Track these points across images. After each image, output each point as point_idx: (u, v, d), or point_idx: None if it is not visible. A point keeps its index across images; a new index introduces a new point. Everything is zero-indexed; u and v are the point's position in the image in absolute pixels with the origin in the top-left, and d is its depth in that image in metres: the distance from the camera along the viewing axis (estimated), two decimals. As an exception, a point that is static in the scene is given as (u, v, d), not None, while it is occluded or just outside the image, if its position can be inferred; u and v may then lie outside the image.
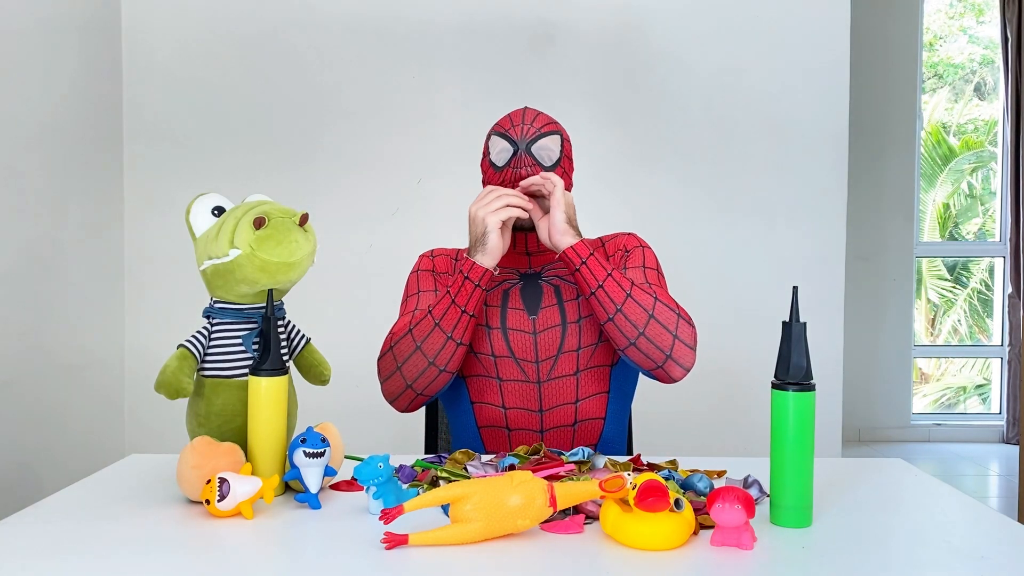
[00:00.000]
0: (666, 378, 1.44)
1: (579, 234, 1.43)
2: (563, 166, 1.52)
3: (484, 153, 1.55)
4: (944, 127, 5.77)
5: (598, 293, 1.39)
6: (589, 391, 1.49)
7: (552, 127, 1.52)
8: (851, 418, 4.57)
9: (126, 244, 2.73)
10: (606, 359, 1.50)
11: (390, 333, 1.46)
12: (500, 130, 1.52)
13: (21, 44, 2.19)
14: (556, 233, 1.41)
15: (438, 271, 1.57)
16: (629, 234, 1.60)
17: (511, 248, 1.53)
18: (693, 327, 1.43)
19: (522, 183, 1.45)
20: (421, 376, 1.41)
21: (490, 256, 1.40)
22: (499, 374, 1.48)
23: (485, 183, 1.55)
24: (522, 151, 1.49)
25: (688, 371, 1.43)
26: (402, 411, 1.49)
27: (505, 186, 1.49)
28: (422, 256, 1.61)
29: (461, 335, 1.40)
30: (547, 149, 1.50)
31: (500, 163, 1.50)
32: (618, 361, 1.51)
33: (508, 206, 1.41)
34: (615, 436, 1.52)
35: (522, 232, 1.52)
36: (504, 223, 1.42)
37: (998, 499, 3.84)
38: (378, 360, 1.46)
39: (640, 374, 1.55)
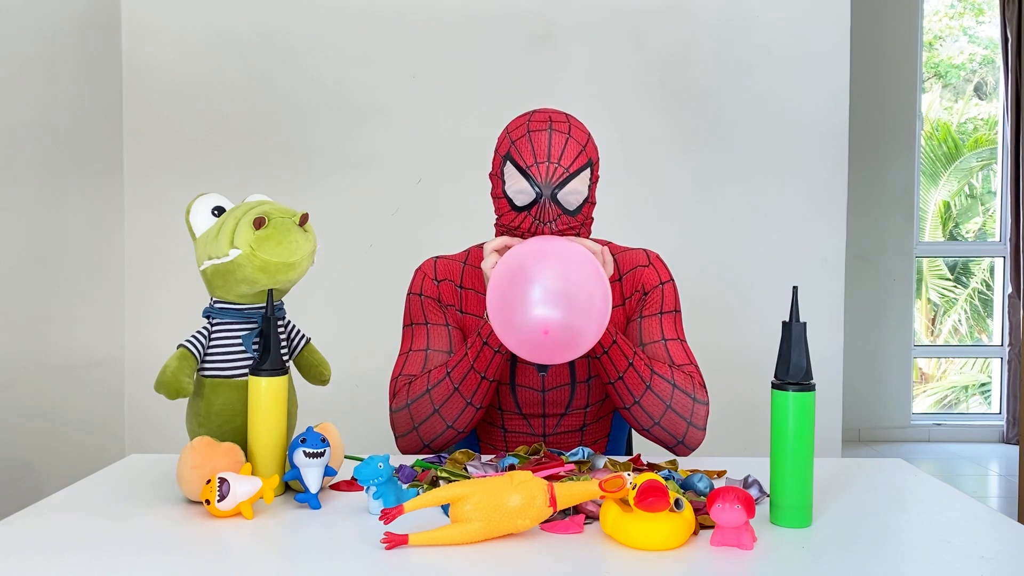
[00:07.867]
0: (672, 453, 1.42)
1: None
2: (590, 201, 1.37)
3: (496, 171, 1.38)
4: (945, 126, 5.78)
5: (617, 384, 1.34)
6: (592, 439, 1.49)
7: (581, 160, 1.33)
8: (851, 418, 4.57)
9: (126, 244, 2.73)
10: (610, 408, 1.49)
11: (403, 381, 1.40)
12: (521, 164, 1.33)
13: (21, 44, 2.19)
14: None
15: (444, 302, 1.45)
16: (649, 261, 1.47)
17: None
18: (706, 403, 1.39)
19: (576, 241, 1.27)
20: (439, 437, 1.38)
21: None
22: (504, 425, 1.47)
23: (496, 206, 1.39)
24: (546, 198, 1.32)
25: (695, 450, 1.41)
26: None
27: (524, 228, 1.34)
28: (423, 275, 1.46)
29: (481, 400, 1.36)
30: (575, 193, 1.33)
31: (519, 204, 1.34)
32: None
33: None
34: None
35: None
36: None
37: (998, 499, 3.84)
38: (392, 412, 1.40)
39: None
